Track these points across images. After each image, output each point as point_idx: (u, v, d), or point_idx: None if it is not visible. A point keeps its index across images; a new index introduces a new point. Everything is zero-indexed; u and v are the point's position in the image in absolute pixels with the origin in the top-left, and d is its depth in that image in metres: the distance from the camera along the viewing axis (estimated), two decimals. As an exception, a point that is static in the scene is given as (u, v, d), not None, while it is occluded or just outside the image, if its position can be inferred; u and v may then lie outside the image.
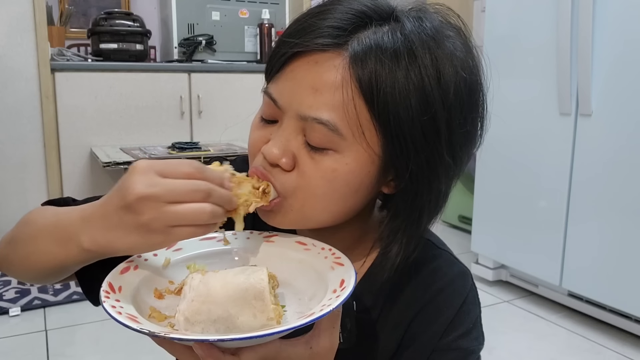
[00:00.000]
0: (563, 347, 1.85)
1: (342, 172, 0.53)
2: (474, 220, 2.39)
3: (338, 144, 0.52)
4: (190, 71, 2.79)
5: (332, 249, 0.56)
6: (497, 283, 2.34)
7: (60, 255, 0.53)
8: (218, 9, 2.93)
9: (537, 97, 2.04)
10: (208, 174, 0.48)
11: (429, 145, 0.51)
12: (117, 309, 0.45)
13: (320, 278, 0.53)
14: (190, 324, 0.45)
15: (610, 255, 1.84)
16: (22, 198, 2.48)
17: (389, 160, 0.53)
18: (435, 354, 0.60)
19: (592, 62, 1.82)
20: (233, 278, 0.46)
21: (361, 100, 0.50)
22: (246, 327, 0.45)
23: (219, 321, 0.45)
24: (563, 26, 1.88)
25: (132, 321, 0.44)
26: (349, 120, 0.51)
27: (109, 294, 0.48)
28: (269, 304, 0.45)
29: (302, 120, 0.52)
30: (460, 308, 0.60)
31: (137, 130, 2.71)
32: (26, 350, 1.76)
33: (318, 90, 0.51)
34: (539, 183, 2.07)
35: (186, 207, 0.46)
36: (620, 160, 1.78)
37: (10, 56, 2.40)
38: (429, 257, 0.63)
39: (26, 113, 2.46)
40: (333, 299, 0.46)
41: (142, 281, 0.53)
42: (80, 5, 3.13)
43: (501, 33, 2.19)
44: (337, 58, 0.51)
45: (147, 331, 0.42)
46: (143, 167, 0.46)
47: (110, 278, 0.51)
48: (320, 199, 0.54)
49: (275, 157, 0.53)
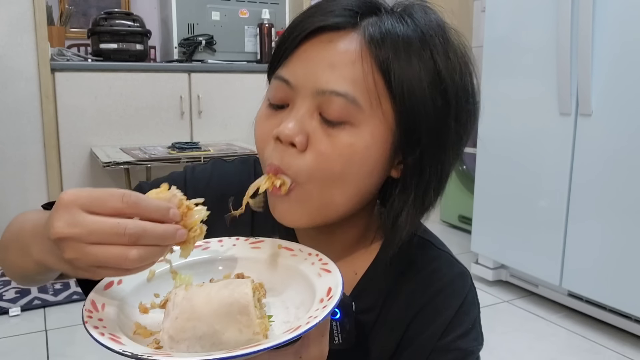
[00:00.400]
0: (563, 347, 1.85)
1: (359, 147, 0.53)
2: (474, 220, 2.39)
3: (355, 117, 0.52)
4: (190, 71, 2.79)
5: (319, 254, 0.55)
6: (497, 283, 2.34)
7: (22, 265, 0.53)
8: (218, 9, 2.93)
9: (537, 97, 2.04)
10: (143, 209, 0.43)
11: (439, 119, 0.54)
12: (100, 330, 0.44)
13: (307, 285, 0.52)
14: (175, 342, 0.44)
15: (611, 255, 1.84)
16: (22, 198, 2.48)
17: (402, 134, 0.54)
18: (434, 354, 0.60)
19: (592, 62, 1.82)
20: (217, 293, 0.45)
21: (378, 74, 0.52)
22: (232, 342, 0.44)
23: (204, 338, 0.44)
24: (563, 26, 1.88)
25: (114, 342, 0.42)
26: (367, 93, 0.52)
27: (92, 313, 0.46)
28: (254, 318, 0.44)
29: (319, 96, 0.53)
30: (459, 309, 0.60)
31: (137, 130, 2.71)
32: (26, 350, 1.76)
33: (335, 65, 0.52)
34: (539, 183, 2.07)
35: (107, 252, 0.41)
36: (620, 160, 1.78)
37: (10, 56, 2.40)
38: (428, 258, 0.63)
39: (26, 113, 2.46)
40: (320, 309, 0.45)
41: (126, 296, 0.51)
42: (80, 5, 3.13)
43: (501, 33, 2.19)
44: (352, 36, 0.53)
45: (130, 353, 0.40)
46: (66, 201, 0.42)
47: (93, 295, 0.49)
48: (338, 179, 0.53)
49: (290, 133, 0.52)
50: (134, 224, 0.42)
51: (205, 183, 0.67)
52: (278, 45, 0.58)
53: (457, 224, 3.07)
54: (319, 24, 0.53)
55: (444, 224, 3.20)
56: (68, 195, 0.42)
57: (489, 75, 2.26)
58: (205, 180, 0.68)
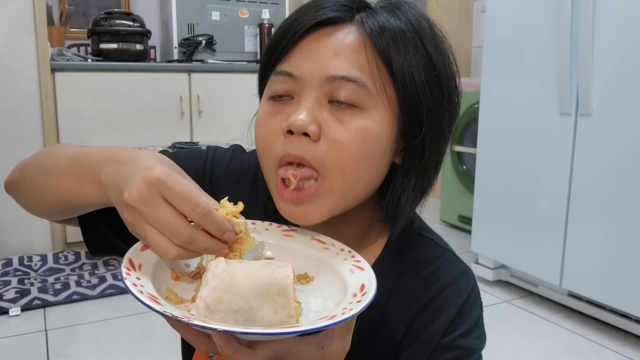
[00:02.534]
0: (563, 347, 1.85)
1: (372, 130, 0.54)
2: (474, 220, 2.39)
3: (366, 101, 0.54)
4: (190, 71, 2.79)
5: (352, 251, 0.56)
6: (497, 283, 2.34)
7: (72, 190, 0.54)
8: (218, 9, 2.93)
9: (537, 97, 2.04)
10: (207, 223, 0.47)
11: (435, 102, 0.57)
12: (139, 288, 0.45)
13: (339, 279, 0.52)
14: (210, 311, 0.45)
15: (611, 256, 1.84)
16: (22, 198, 2.48)
17: (405, 117, 0.56)
18: (436, 352, 0.60)
19: (592, 62, 1.82)
20: (258, 271, 0.46)
21: (381, 62, 0.54)
22: (266, 321, 0.45)
23: (239, 312, 0.45)
24: (563, 26, 1.88)
25: (154, 302, 0.43)
26: (373, 79, 0.54)
27: (130, 271, 0.48)
28: (291, 301, 0.45)
29: (328, 84, 0.54)
30: (462, 307, 0.61)
31: (137, 130, 2.71)
32: (26, 350, 1.76)
33: (340, 53, 0.54)
34: (539, 183, 2.07)
35: (156, 239, 0.46)
36: (621, 160, 1.78)
37: (10, 56, 2.40)
38: (431, 256, 0.64)
39: (26, 113, 2.46)
40: (354, 303, 0.46)
41: (159, 261, 0.52)
42: (80, 5, 3.13)
43: (501, 33, 2.19)
44: (350, 29, 0.55)
45: (170, 314, 0.42)
46: (153, 179, 0.46)
47: (130, 254, 0.50)
48: (357, 164, 0.54)
49: (303, 123, 0.52)
50: (189, 233, 0.46)
51: (224, 167, 0.69)
52: (273, 44, 0.58)
53: (457, 224, 3.07)
54: (319, 18, 0.55)
55: (444, 224, 3.20)
56: (158, 174, 0.46)
57: (489, 75, 2.27)
58: (225, 164, 0.69)
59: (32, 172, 0.61)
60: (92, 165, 0.53)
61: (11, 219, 2.44)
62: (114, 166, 0.50)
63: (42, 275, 2.28)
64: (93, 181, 0.52)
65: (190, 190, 0.47)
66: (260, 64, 0.62)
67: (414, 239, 0.65)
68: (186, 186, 0.47)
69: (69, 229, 2.59)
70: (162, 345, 1.76)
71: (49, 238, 2.55)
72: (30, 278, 2.21)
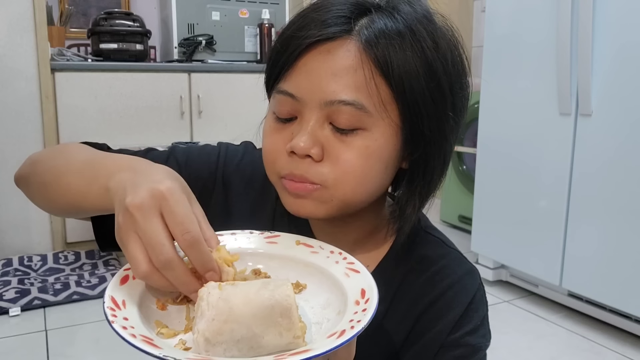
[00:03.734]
0: (563, 347, 1.85)
1: (374, 148, 0.55)
2: (474, 220, 2.39)
3: (366, 122, 0.54)
4: (190, 71, 2.78)
5: (343, 252, 0.54)
6: (497, 283, 2.34)
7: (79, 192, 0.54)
8: (218, 9, 2.93)
9: (537, 97, 2.04)
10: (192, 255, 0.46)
11: (437, 110, 0.56)
12: (129, 331, 0.42)
13: (334, 284, 0.50)
14: (211, 345, 0.42)
15: (610, 255, 1.84)
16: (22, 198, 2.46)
17: (408, 130, 0.56)
18: (443, 349, 0.60)
19: (592, 62, 1.82)
20: (256, 294, 0.43)
21: (380, 77, 0.54)
22: (271, 346, 0.43)
23: (242, 341, 0.42)
24: (563, 26, 1.88)
25: (151, 346, 0.40)
26: (372, 97, 0.54)
27: (115, 312, 0.45)
28: (296, 321, 0.43)
29: (327, 107, 0.54)
30: (468, 305, 0.61)
31: (137, 130, 2.71)
32: (26, 350, 1.76)
33: (337, 75, 0.54)
34: (539, 183, 2.07)
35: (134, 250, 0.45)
36: (620, 160, 1.78)
37: (10, 56, 2.40)
38: (438, 255, 0.64)
39: (26, 113, 2.46)
40: (360, 313, 0.44)
41: (142, 292, 0.49)
42: (80, 5, 3.13)
43: (501, 33, 2.19)
44: (348, 44, 0.54)
45: (172, 358, 0.38)
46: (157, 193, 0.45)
47: (111, 292, 0.48)
48: (360, 180, 0.55)
49: (305, 147, 0.54)
50: (170, 257, 0.44)
51: (236, 164, 0.69)
52: (274, 58, 0.58)
53: (457, 224, 3.07)
54: (316, 37, 0.54)
55: (444, 224, 3.20)
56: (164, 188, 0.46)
57: (489, 75, 2.26)
58: (237, 160, 0.70)
59: (42, 169, 0.61)
60: (105, 171, 0.52)
61: (11, 219, 2.43)
62: (127, 174, 0.50)
63: (42, 275, 2.28)
64: (102, 186, 0.51)
65: (187, 214, 0.46)
66: (265, 71, 0.62)
67: (421, 237, 0.66)
68: (186, 209, 0.46)
69: (69, 229, 2.59)
70: (162, 345, 1.75)
71: (49, 238, 2.55)
72: (30, 278, 2.21)
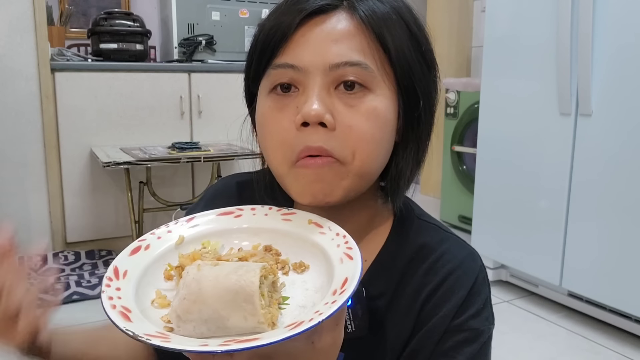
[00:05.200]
0: (563, 347, 1.85)
1: (381, 109, 0.56)
2: (474, 220, 2.39)
3: (371, 82, 0.56)
4: (190, 71, 2.79)
5: (346, 235, 0.54)
6: (497, 283, 2.34)
7: None
8: (218, 9, 2.93)
9: (537, 97, 2.04)
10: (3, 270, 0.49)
11: (425, 76, 0.60)
12: (114, 301, 0.45)
13: (329, 269, 0.51)
14: (182, 321, 0.45)
15: (610, 255, 1.84)
16: (22, 198, 2.48)
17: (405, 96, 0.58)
18: (447, 334, 0.60)
19: (592, 62, 1.82)
20: (225, 278, 0.45)
21: (376, 43, 0.56)
22: (237, 328, 0.45)
23: (210, 321, 0.45)
24: (563, 26, 1.88)
25: (121, 318, 0.43)
26: (373, 60, 0.56)
27: (111, 282, 0.47)
28: (258, 308, 0.44)
29: (332, 72, 0.54)
30: (471, 289, 0.61)
31: (137, 130, 2.71)
32: (26, 350, 1.76)
33: (338, 40, 0.55)
34: (539, 183, 2.07)
35: None
36: (620, 160, 1.78)
37: (10, 56, 2.40)
38: (437, 241, 0.64)
39: (26, 113, 2.46)
40: (329, 304, 0.44)
41: (151, 261, 0.52)
42: (80, 5, 3.13)
43: (501, 33, 2.19)
44: (341, 15, 0.56)
45: (131, 333, 0.42)
46: None
47: (117, 261, 0.50)
48: (372, 145, 0.56)
49: (318, 113, 0.53)
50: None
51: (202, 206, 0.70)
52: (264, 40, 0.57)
53: (457, 224, 3.07)
54: (311, 8, 0.55)
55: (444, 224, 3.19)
56: None
57: (489, 75, 2.27)
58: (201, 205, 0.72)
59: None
60: None
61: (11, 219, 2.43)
62: None
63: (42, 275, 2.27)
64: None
65: None
66: (248, 64, 0.61)
67: (417, 225, 0.66)
68: None
69: (69, 229, 2.59)
70: (162, 345, 1.75)
71: (48, 238, 2.55)
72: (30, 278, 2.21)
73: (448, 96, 2.99)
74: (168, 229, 0.57)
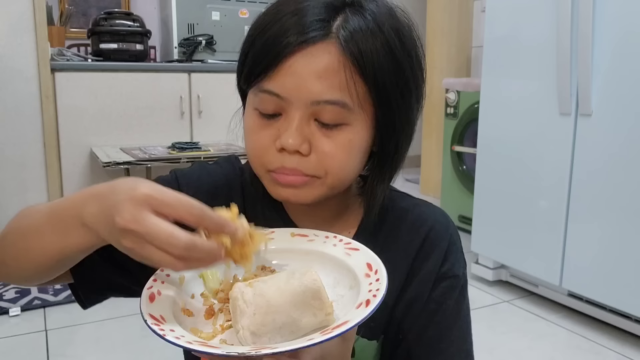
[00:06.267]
0: (563, 347, 1.85)
1: (356, 140, 0.61)
2: (474, 220, 2.39)
3: (349, 118, 0.60)
4: (190, 71, 2.79)
5: (337, 235, 0.59)
6: (497, 283, 2.34)
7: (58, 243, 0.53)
8: (218, 9, 2.93)
9: (537, 97, 2.04)
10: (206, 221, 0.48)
11: (405, 102, 0.63)
12: (184, 339, 0.46)
13: (337, 265, 0.55)
14: (257, 336, 0.46)
15: (610, 255, 1.84)
16: (22, 198, 2.48)
17: (381, 121, 0.62)
18: (437, 281, 0.68)
19: (592, 62, 1.82)
20: (287, 284, 0.48)
21: (358, 76, 0.58)
22: (308, 326, 0.48)
23: (284, 327, 0.47)
24: (563, 26, 1.88)
25: (211, 348, 0.44)
26: (352, 96, 0.59)
27: (161, 325, 0.48)
28: (326, 300, 0.48)
29: (313, 106, 0.59)
30: (449, 240, 0.70)
31: (137, 130, 2.71)
32: (26, 350, 1.76)
33: (322, 76, 0.58)
34: (539, 183, 2.07)
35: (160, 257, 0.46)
36: (620, 160, 1.78)
37: (10, 56, 2.40)
38: (411, 205, 0.73)
39: (26, 113, 2.46)
40: (374, 282, 0.49)
41: (171, 304, 0.53)
42: (80, 5, 3.14)
43: (501, 33, 2.19)
44: (328, 46, 0.58)
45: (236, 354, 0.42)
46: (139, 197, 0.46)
47: (146, 309, 0.50)
48: (346, 169, 0.62)
49: (295, 144, 0.58)
50: (186, 239, 0.46)
51: (196, 178, 0.73)
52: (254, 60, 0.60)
53: (457, 224, 3.07)
54: (299, 42, 0.57)
55: (444, 224, 3.19)
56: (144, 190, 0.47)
57: (489, 75, 2.27)
58: (196, 176, 0.73)
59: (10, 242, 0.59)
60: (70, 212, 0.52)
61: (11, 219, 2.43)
62: (95, 203, 0.50)
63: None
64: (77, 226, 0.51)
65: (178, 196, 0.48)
66: (239, 72, 0.64)
67: (390, 196, 0.72)
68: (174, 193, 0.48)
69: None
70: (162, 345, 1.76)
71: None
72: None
73: (448, 96, 2.99)
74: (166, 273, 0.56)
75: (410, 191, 0.74)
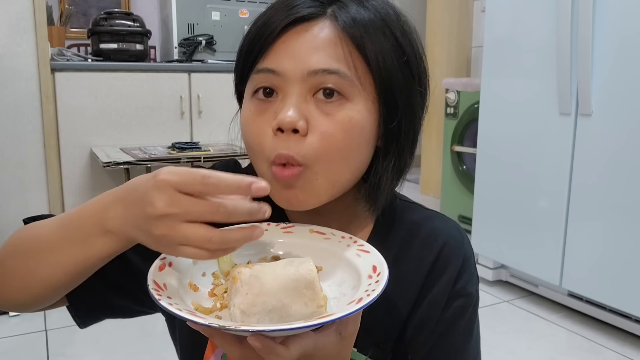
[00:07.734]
0: (563, 347, 1.85)
1: (357, 119, 0.57)
2: (474, 220, 2.39)
3: (349, 91, 0.57)
4: (190, 71, 2.78)
5: (353, 237, 0.59)
6: (497, 283, 2.34)
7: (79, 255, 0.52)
8: (218, 9, 2.93)
9: (537, 97, 2.04)
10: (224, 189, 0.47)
11: (408, 86, 0.60)
12: (175, 306, 0.46)
13: (347, 265, 0.56)
14: (246, 315, 0.47)
15: (611, 256, 1.84)
16: (22, 198, 2.48)
17: (383, 104, 0.59)
18: (450, 301, 0.66)
19: (592, 62, 1.82)
20: (283, 270, 0.49)
21: (356, 53, 0.57)
22: (298, 314, 0.48)
23: (273, 311, 0.48)
24: (563, 26, 1.88)
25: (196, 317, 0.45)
26: (350, 69, 0.56)
27: (159, 291, 0.49)
28: (319, 292, 0.49)
29: (310, 78, 0.56)
30: (464, 255, 0.67)
31: (137, 130, 2.71)
32: (26, 350, 1.76)
33: (319, 48, 0.56)
34: (539, 183, 2.07)
35: (195, 232, 0.46)
36: (620, 160, 1.78)
37: (10, 56, 2.40)
38: (423, 218, 0.70)
39: (26, 113, 2.46)
40: (373, 284, 0.49)
41: (178, 276, 0.54)
42: (80, 5, 3.13)
43: (501, 33, 2.19)
44: (324, 23, 0.57)
45: (217, 325, 0.43)
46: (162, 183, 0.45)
47: (152, 276, 0.51)
48: (343, 153, 0.57)
49: (292, 120, 0.55)
50: (225, 203, 0.46)
51: None
52: (248, 45, 0.59)
53: (457, 224, 3.07)
54: (293, 16, 0.57)
55: (444, 224, 3.19)
56: (165, 176, 0.46)
57: (489, 75, 2.27)
58: None
59: (14, 264, 0.56)
60: (90, 221, 0.51)
61: (11, 219, 2.43)
62: (119, 205, 0.49)
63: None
64: (100, 234, 0.50)
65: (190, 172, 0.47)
66: (236, 68, 0.63)
67: (401, 206, 0.70)
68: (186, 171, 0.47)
69: (69, 229, 2.59)
70: (162, 345, 1.76)
71: (49, 238, 2.55)
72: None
73: (448, 96, 2.99)
74: None
75: (410, 191, 0.72)
